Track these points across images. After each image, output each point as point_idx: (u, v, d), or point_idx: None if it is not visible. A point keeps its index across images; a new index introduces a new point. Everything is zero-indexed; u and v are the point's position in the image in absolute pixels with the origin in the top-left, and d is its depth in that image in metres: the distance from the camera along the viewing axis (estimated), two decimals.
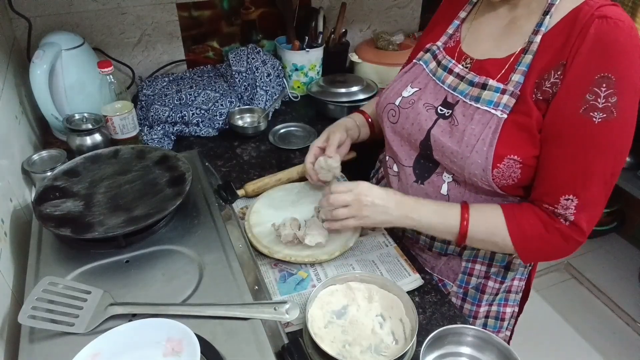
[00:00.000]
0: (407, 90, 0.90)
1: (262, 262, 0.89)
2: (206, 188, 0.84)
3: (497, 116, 0.76)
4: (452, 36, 0.90)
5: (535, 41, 0.76)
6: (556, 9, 0.75)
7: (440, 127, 0.83)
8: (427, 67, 0.90)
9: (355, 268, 0.88)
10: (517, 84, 0.76)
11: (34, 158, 1.01)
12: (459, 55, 0.87)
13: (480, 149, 0.76)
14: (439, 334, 0.71)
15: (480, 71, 0.82)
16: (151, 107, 1.29)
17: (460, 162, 0.79)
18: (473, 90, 0.80)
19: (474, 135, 0.77)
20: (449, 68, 0.86)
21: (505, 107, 0.76)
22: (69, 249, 0.71)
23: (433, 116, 0.84)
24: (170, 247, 0.71)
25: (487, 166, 0.76)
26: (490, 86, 0.78)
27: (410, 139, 0.88)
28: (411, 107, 0.88)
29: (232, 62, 1.41)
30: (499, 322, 0.97)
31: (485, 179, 0.78)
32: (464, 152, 0.78)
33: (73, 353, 0.52)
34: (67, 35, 1.18)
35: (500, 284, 0.93)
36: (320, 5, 1.56)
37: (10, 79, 1.09)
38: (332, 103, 1.38)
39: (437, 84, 0.87)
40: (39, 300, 0.60)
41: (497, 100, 0.77)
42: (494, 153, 0.76)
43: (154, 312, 0.60)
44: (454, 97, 0.83)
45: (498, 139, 0.76)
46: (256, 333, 0.58)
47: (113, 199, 0.76)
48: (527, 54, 0.76)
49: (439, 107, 0.84)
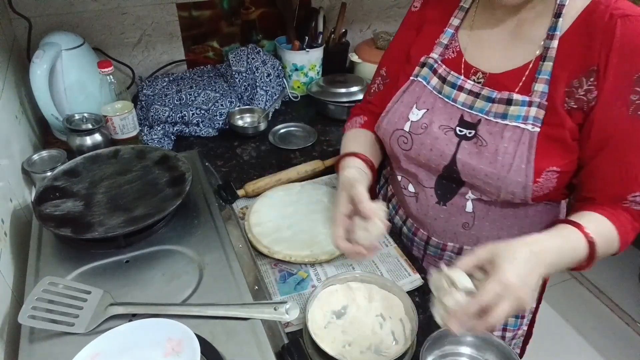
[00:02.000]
0: (414, 113, 0.83)
1: (262, 262, 0.89)
2: (206, 188, 0.84)
3: (528, 130, 0.72)
4: (448, 47, 0.84)
5: (552, 47, 0.72)
6: (566, 10, 0.72)
7: (465, 150, 0.78)
8: (429, 84, 0.83)
9: (355, 268, 0.88)
10: (542, 94, 0.72)
11: (34, 158, 1.01)
12: (465, 69, 0.81)
13: (518, 167, 0.73)
14: (439, 334, 0.71)
15: (497, 85, 0.77)
16: (151, 107, 1.29)
17: (497, 183, 0.75)
18: (497, 107, 0.76)
19: (509, 153, 0.73)
20: (459, 85, 0.80)
21: (536, 120, 0.72)
22: (69, 249, 0.71)
23: (453, 139, 0.79)
24: (170, 247, 0.71)
25: (528, 183, 0.73)
26: (516, 101, 0.74)
27: (430, 165, 0.83)
28: (425, 131, 0.81)
29: (232, 62, 1.41)
30: (518, 320, 0.95)
31: (523, 196, 0.75)
32: (500, 172, 0.74)
33: (73, 353, 0.52)
34: (67, 35, 1.18)
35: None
36: (320, 5, 1.56)
37: (10, 79, 1.09)
38: (332, 103, 1.38)
39: (447, 103, 0.81)
40: (39, 300, 0.60)
41: (525, 113, 0.73)
42: (533, 170, 0.72)
43: (154, 312, 0.60)
44: (472, 116, 0.78)
45: (535, 153, 0.72)
46: (256, 333, 0.58)
47: (113, 199, 0.76)
48: (546, 60, 0.72)
49: (457, 128, 0.79)
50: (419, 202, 0.89)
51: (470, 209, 0.83)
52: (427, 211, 0.88)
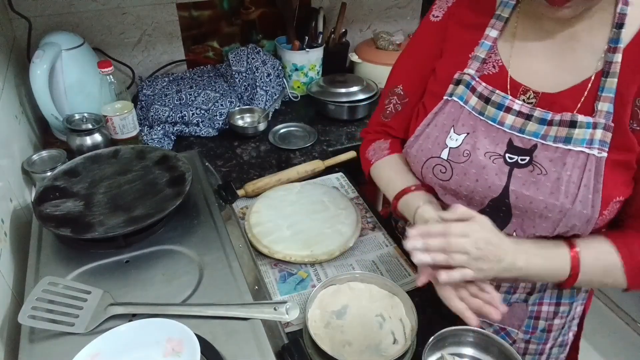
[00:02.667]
0: (453, 138, 0.73)
1: (262, 262, 0.89)
2: (206, 188, 0.84)
3: (594, 156, 0.64)
4: (486, 61, 0.74)
5: (615, 61, 0.64)
6: (628, 20, 0.64)
7: (519, 180, 0.68)
8: (467, 104, 0.73)
9: (355, 268, 0.88)
10: (607, 115, 0.64)
11: (34, 158, 1.01)
12: (512, 87, 0.72)
13: (584, 198, 0.64)
14: (441, 335, 0.71)
15: (552, 106, 0.68)
16: (151, 107, 1.29)
17: (558, 216, 0.67)
18: (557, 130, 0.67)
19: (573, 182, 0.65)
20: (506, 106, 0.71)
21: (602, 144, 0.64)
22: (69, 249, 0.71)
23: (504, 167, 0.69)
24: (170, 247, 0.71)
25: (594, 215, 0.65)
26: (580, 123, 0.65)
27: (474, 197, 0.73)
28: (468, 159, 0.71)
29: (232, 62, 1.41)
30: (562, 349, 0.89)
31: (584, 229, 0.67)
32: (563, 204, 0.65)
33: (73, 353, 0.52)
34: (67, 35, 1.18)
35: (565, 318, 0.85)
36: (320, 5, 1.56)
37: (10, 79, 1.09)
38: (332, 103, 1.38)
39: (490, 126, 0.71)
40: (39, 300, 0.60)
41: (590, 137, 0.65)
42: (601, 201, 0.64)
43: (154, 312, 0.60)
44: (524, 141, 0.69)
45: (603, 182, 0.64)
46: (256, 333, 0.58)
47: (113, 199, 0.76)
48: (610, 77, 0.64)
49: (506, 155, 0.69)
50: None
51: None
52: None
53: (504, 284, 0.81)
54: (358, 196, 1.07)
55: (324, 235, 0.92)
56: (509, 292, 0.81)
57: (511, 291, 0.81)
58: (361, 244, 0.94)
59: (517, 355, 0.68)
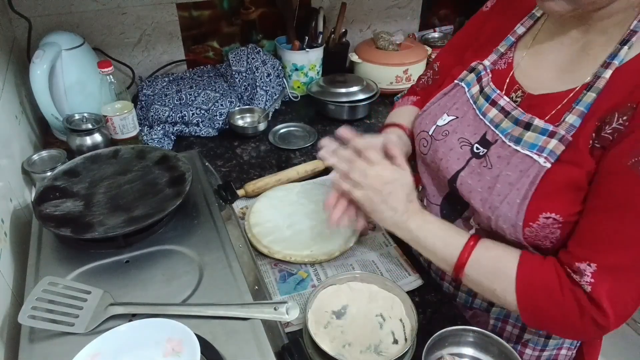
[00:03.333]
0: (443, 119, 0.77)
1: (262, 262, 0.89)
2: (206, 188, 0.84)
3: (539, 164, 0.63)
4: (503, 56, 0.76)
5: (604, 76, 0.61)
6: (638, 39, 0.60)
7: (470, 169, 0.71)
8: (469, 90, 0.76)
9: (355, 268, 0.88)
10: (570, 127, 0.62)
11: (34, 158, 1.01)
12: (510, 84, 0.73)
13: (512, 201, 0.64)
14: (441, 335, 0.71)
15: (530, 108, 0.68)
16: (151, 107, 1.29)
17: (488, 213, 0.68)
18: (514, 130, 0.68)
19: (509, 183, 0.65)
20: (492, 99, 0.72)
21: (551, 154, 0.62)
22: (69, 249, 0.71)
23: (467, 155, 0.72)
24: (170, 247, 0.71)
25: (518, 222, 0.64)
26: (535, 127, 0.65)
27: (439, 175, 0.77)
28: (444, 139, 0.76)
29: (232, 62, 1.41)
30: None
31: (515, 236, 0.66)
32: (493, 201, 0.66)
33: (73, 353, 0.52)
34: (67, 35, 1.18)
35: (540, 352, 0.81)
36: (320, 5, 1.56)
37: (10, 79, 1.09)
38: (332, 103, 1.38)
39: (477, 115, 0.73)
40: (39, 300, 0.60)
41: (543, 144, 0.63)
42: (526, 208, 0.63)
43: (154, 312, 0.60)
44: (494, 135, 0.70)
45: (535, 191, 0.62)
46: (256, 333, 0.58)
47: (113, 199, 0.76)
48: (591, 90, 0.62)
49: (475, 145, 0.72)
50: None
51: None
52: None
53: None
54: None
55: (324, 235, 0.92)
56: (469, 293, 0.83)
57: (471, 293, 0.83)
58: (361, 244, 0.94)
59: (517, 355, 0.68)
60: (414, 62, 1.51)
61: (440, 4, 1.82)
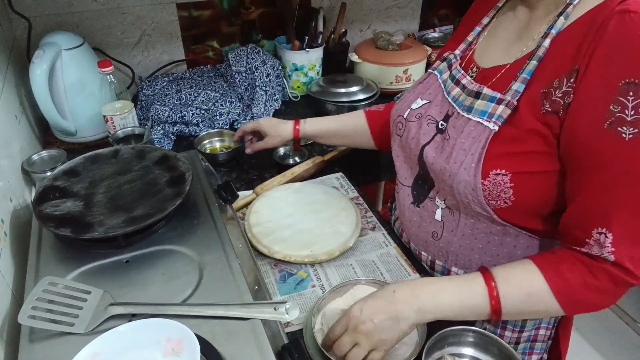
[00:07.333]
0: (417, 103, 0.83)
1: (262, 262, 0.89)
2: (206, 188, 0.84)
3: (489, 128, 0.68)
4: (470, 44, 0.83)
5: (543, 45, 0.66)
6: (574, 9, 0.65)
7: (434, 144, 0.76)
8: (441, 77, 0.82)
9: (355, 268, 0.88)
10: (515, 93, 0.67)
11: (34, 158, 1.01)
12: (467, 62, 0.80)
13: (468, 166, 0.68)
14: (441, 335, 0.71)
15: (483, 80, 0.74)
16: (151, 107, 1.29)
17: (449, 181, 0.72)
18: (466, 100, 0.73)
19: (463, 150, 0.70)
20: (457, 79, 0.78)
21: (499, 118, 0.67)
22: (69, 249, 0.71)
23: (432, 131, 0.78)
24: (170, 247, 0.71)
25: (477, 185, 0.68)
26: (484, 95, 0.70)
27: (411, 155, 0.82)
28: (417, 121, 0.81)
29: (232, 62, 1.41)
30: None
31: (476, 200, 0.70)
32: (452, 169, 0.71)
33: (73, 353, 0.52)
34: (67, 35, 1.18)
35: (519, 333, 0.83)
36: (320, 5, 1.56)
37: (10, 79, 1.09)
38: (332, 103, 1.38)
39: (444, 97, 0.79)
40: (39, 300, 0.60)
41: (492, 111, 0.68)
42: (481, 170, 0.67)
43: (154, 312, 0.60)
44: (452, 109, 0.76)
45: (485, 153, 0.67)
46: (256, 333, 0.58)
47: (113, 199, 0.76)
48: (533, 59, 0.67)
49: (440, 122, 0.77)
50: (399, 200, 0.89)
51: (439, 217, 0.80)
52: (404, 211, 0.87)
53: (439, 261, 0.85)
54: (358, 196, 1.07)
55: (324, 235, 0.92)
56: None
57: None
58: (361, 244, 0.94)
59: (517, 355, 0.68)
60: (413, 62, 1.51)
61: (440, 4, 1.82)
